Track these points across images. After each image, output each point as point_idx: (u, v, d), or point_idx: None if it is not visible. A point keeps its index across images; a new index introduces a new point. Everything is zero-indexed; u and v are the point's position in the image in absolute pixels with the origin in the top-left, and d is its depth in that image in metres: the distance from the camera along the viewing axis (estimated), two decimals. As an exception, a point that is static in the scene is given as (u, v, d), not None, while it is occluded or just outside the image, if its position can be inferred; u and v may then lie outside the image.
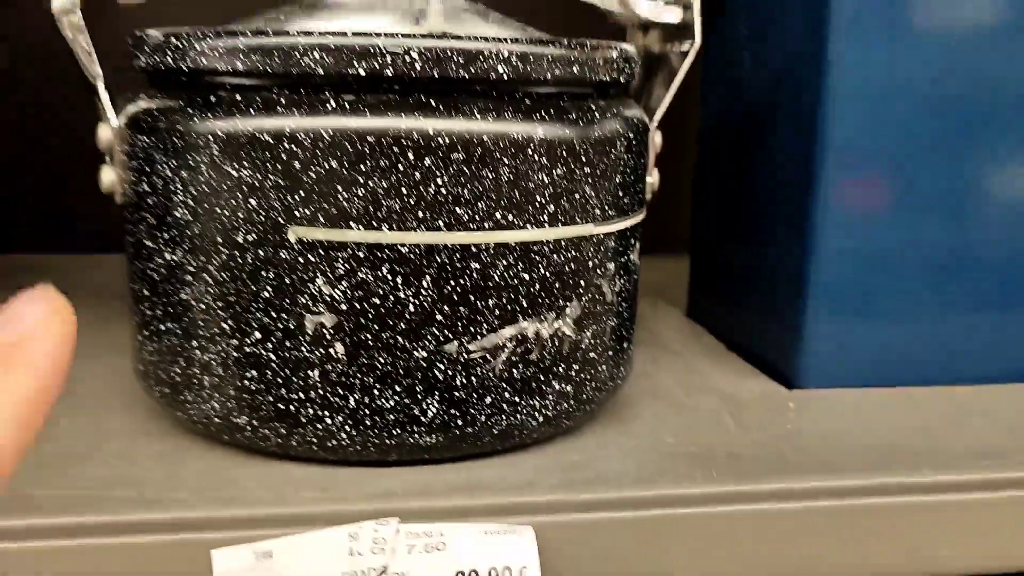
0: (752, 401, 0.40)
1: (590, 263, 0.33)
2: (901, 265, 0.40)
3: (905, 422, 0.38)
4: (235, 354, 0.31)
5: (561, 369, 0.33)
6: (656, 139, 0.38)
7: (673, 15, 0.39)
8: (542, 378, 0.32)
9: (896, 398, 0.40)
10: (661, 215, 0.64)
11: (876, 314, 0.41)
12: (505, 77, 0.30)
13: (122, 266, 0.35)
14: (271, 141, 0.29)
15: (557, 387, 0.33)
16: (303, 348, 0.30)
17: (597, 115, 0.33)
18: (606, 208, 0.33)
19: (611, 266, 0.34)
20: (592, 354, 0.34)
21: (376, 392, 0.30)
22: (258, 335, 0.30)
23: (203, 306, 0.31)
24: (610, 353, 0.35)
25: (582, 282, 0.33)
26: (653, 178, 0.38)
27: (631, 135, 0.34)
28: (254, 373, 0.31)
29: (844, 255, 0.40)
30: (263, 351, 0.30)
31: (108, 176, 0.33)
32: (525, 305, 0.31)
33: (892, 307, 0.41)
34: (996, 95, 0.40)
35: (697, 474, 0.32)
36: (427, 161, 0.29)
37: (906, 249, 0.40)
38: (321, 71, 0.29)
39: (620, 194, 0.34)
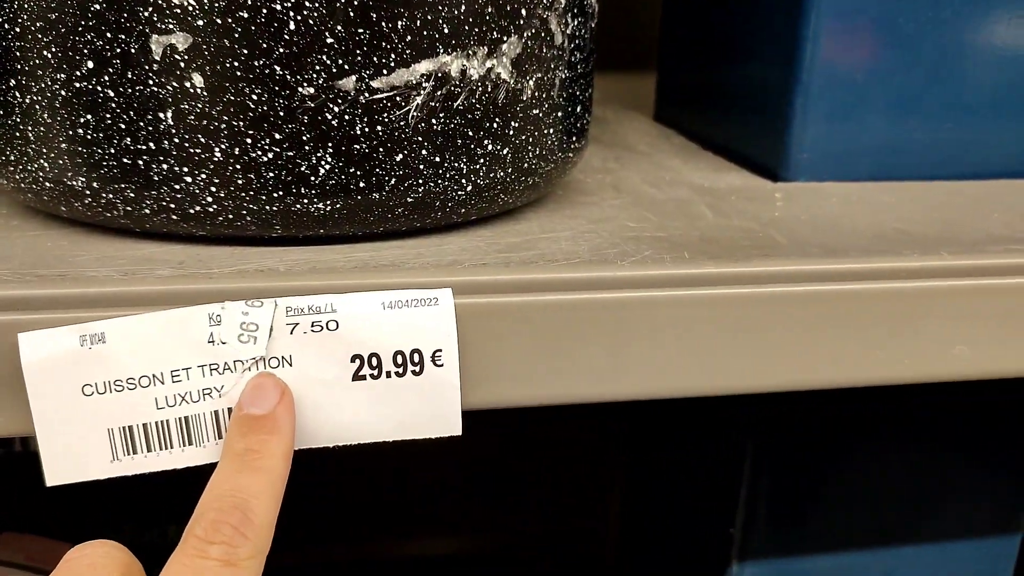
0: (731, 192, 0.33)
1: (534, -12, 0.25)
2: (899, 58, 0.33)
3: (914, 210, 0.31)
4: (63, 92, 0.23)
5: (496, 125, 0.26)
6: None
7: None
8: (470, 133, 0.25)
9: (899, 190, 0.34)
10: (624, 32, 0.56)
11: (871, 105, 0.34)
12: None
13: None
14: None
15: (490, 147, 0.26)
16: (150, 80, 0.23)
17: None
18: (555, -83, 0.25)
19: (561, -2, 0.26)
20: (536, 111, 0.27)
21: (249, 141, 0.23)
22: (91, 64, 0.23)
23: (17, 29, 0.23)
24: (559, 114, 0.28)
25: (523, 11, 0.25)
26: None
27: None
28: (88, 117, 0.23)
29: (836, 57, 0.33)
30: (99, 86, 0.23)
31: None
32: (447, 32, 0.24)
33: (889, 98, 0.34)
34: None
35: (666, 256, 0.26)
36: None
37: (904, 39, 0.33)
38: None
39: (574, -97, 0.26)
